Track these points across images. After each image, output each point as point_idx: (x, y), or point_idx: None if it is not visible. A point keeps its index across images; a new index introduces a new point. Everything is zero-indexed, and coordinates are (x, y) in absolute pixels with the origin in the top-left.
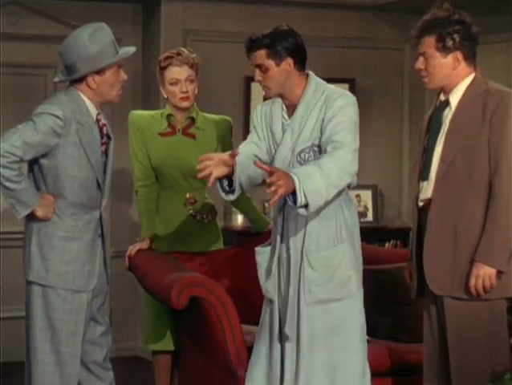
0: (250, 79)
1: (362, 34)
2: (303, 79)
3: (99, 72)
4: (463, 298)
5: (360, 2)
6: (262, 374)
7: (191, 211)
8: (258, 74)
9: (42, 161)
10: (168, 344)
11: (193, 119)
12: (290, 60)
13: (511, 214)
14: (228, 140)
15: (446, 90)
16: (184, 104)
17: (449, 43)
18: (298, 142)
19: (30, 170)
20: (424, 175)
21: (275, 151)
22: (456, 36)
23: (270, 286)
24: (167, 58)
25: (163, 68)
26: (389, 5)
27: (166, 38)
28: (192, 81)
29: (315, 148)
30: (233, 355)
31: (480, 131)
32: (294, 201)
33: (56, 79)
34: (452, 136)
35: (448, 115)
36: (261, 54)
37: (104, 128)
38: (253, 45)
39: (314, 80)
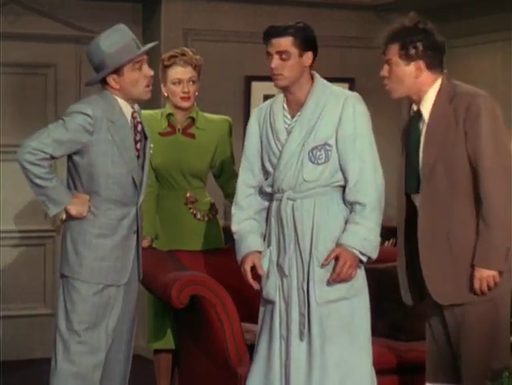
0: (250, 79)
1: (361, 34)
2: (310, 77)
3: (117, 72)
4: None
5: (360, 2)
6: (261, 375)
7: (191, 210)
8: (275, 61)
9: (77, 159)
10: (168, 343)
11: (193, 119)
12: (310, 54)
13: (501, 215)
14: (227, 140)
15: (415, 99)
16: (185, 104)
17: (412, 51)
18: (310, 138)
19: (68, 169)
20: (411, 187)
21: (281, 147)
22: (419, 45)
23: (270, 287)
24: (171, 57)
25: (166, 67)
26: (388, 4)
27: (166, 38)
28: (194, 82)
29: (327, 147)
30: (233, 354)
31: (455, 141)
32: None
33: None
34: (427, 149)
35: (423, 126)
36: (286, 41)
37: (139, 126)
38: (277, 31)
39: (321, 79)
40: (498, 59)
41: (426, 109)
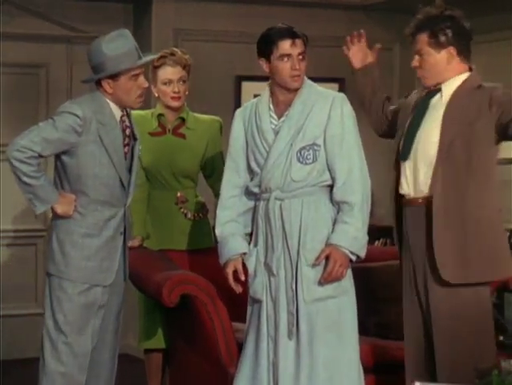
0: (241, 79)
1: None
2: None
3: (114, 77)
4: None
5: (350, 2)
6: (249, 374)
7: (182, 210)
8: (300, 62)
9: (65, 159)
10: (159, 342)
11: (183, 120)
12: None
13: None
14: (218, 140)
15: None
16: (175, 104)
17: (442, 39)
18: (298, 138)
19: (55, 168)
20: (403, 155)
21: (268, 147)
22: (448, 31)
23: (258, 286)
24: (160, 57)
25: (156, 67)
26: (379, 4)
27: (157, 38)
28: (184, 82)
29: (315, 147)
30: (224, 353)
31: (477, 117)
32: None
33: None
34: (446, 127)
35: (437, 101)
36: (302, 42)
37: (127, 130)
38: (297, 33)
39: (307, 80)
40: (483, 61)
41: (448, 89)
